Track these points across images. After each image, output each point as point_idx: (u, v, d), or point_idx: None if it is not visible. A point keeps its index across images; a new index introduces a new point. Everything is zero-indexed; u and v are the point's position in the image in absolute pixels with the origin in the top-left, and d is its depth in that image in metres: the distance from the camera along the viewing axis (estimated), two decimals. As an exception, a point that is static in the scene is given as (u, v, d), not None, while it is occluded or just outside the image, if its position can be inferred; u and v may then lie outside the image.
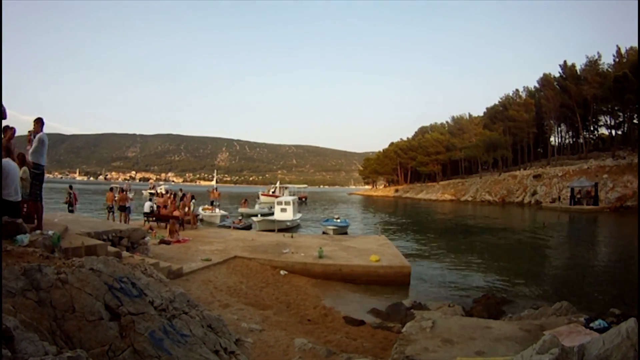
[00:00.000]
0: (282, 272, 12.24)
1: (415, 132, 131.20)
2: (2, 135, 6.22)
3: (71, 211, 17.41)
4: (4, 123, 6.35)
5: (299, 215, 26.21)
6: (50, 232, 6.19)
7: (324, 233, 22.11)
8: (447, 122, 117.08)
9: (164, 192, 37.41)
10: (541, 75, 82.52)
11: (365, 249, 15.06)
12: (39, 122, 7.36)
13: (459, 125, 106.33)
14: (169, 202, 21.79)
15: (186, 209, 20.71)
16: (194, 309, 5.38)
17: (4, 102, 5.79)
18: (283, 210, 25.33)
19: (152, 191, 59.39)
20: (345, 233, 22.85)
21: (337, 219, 25.45)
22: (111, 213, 20.10)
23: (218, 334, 5.10)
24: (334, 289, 11.60)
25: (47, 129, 7.74)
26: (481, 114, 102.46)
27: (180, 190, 23.51)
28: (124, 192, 22.19)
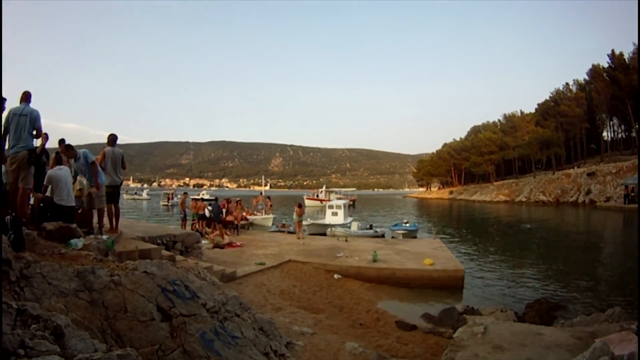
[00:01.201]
0: (336, 276, 12.27)
1: (468, 132, 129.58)
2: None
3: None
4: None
5: (349, 219, 26.27)
6: (104, 237, 6.47)
7: (393, 237, 22.06)
8: (499, 120, 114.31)
9: (202, 198, 38.48)
10: (590, 66, 78.82)
11: (419, 252, 14.91)
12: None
13: (511, 123, 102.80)
14: (234, 207, 22.15)
15: (244, 213, 21.06)
16: (246, 312, 5.45)
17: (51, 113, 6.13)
18: (334, 214, 25.48)
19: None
20: (415, 237, 22.75)
21: (406, 223, 25.37)
22: (185, 221, 20.61)
23: (269, 337, 5.14)
24: (387, 293, 11.59)
25: (100, 139, 8.36)
26: (533, 111, 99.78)
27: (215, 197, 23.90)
28: (202, 201, 22.47)
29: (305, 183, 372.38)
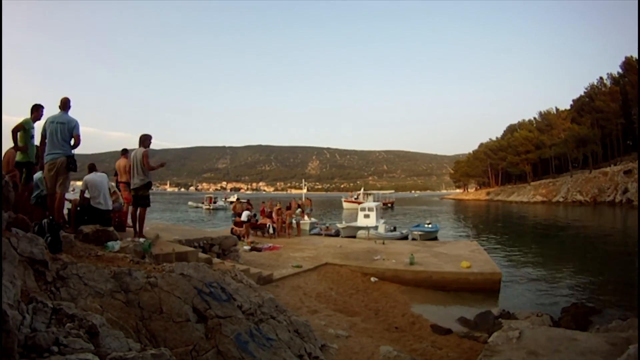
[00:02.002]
0: (372, 279, 12.27)
1: (504, 131, 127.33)
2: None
3: None
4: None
5: (381, 222, 26.24)
6: (141, 240, 6.63)
7: (412, 239, 22.29)
8: (534, 118, 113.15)
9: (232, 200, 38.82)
10: (623, 59, 76.40)
11: (456, 255, 14.79)
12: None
13: (547, 121, 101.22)
14: (275, 210, 22.32)
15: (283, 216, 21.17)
16: (281, 314, 5.47)
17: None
18: (366, 216, 25.50)
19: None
20: (435, 238, 22.92)
21: (428, 224, 25.64)
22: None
23: (304, 339, 5.14)
24: (423, 296, 11.59)
25: (136, 145, 8.44)
26: (568, 107, 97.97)
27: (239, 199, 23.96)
28: (249, 204, 22.77)
29: (342, 186, 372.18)
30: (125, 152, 10.43)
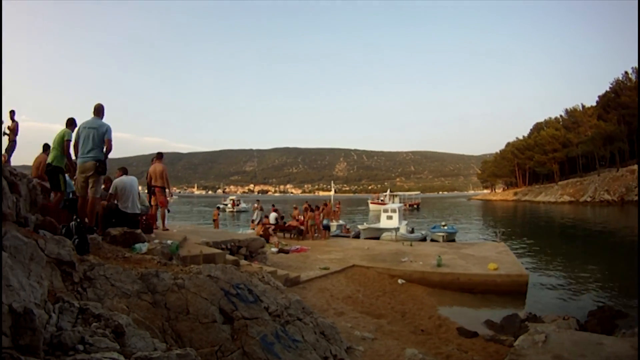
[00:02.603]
0: (400, 281, 12.19)
1: (531, 130, 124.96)
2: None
3: None
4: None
5: (404, 223, 26.09)
6: (169, 242, 6.73)
7: (432, 240, 22.35)
8: (560, 115, 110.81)
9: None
10: None
11: (484, 256, 14.65)
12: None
13: (573, 119, 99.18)
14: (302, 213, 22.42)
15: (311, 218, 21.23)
16: (308, 316, 5.47)
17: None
18: (389, 217, 25.39)
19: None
20: (453, 240, 22.81)
21: (444, 225, 25.76)
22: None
23: (330, 341, 5.13)
24: (450, 299, 11.53)
25: (165, 148, 8.74)
26: (594, 104, 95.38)
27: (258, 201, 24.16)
28: (274, 207, 23.02)
29: (370, 187, 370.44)
30: (160, 157, 10.70)
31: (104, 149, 6.57)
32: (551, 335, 5.93)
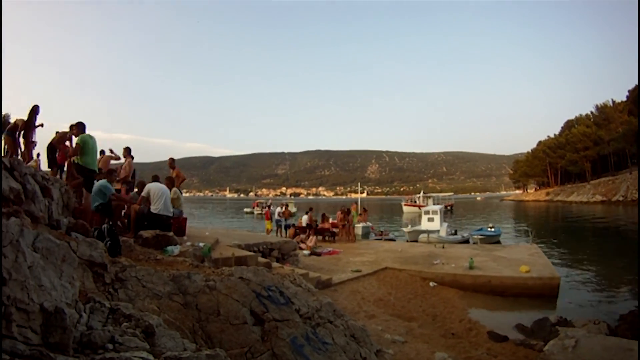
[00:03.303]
0: (431, 284, 12.11)
1: (562, 127, 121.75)
2: None
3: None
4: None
5: (445, 225, 25.72)
6: (201, 244, 6.82)
7: (474, 243, 21.89)
8: (591, 112, 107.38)
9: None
10: None
11: (516, 258, 14.44)
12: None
13: (604, 115, 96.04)
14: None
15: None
16: (339, 319, 5.44)
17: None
18: (430, 219, 25.09)
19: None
20: (498, 242, 22.55)
21: (491, 228, 25.24)
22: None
23: (360, 344, 5.10)
24: (481, 302, 11.42)
25: (197, 151, 8.91)
26: (624, 99, 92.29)
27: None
28: (310, 209, 23.22)
29: (402, 189, 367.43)
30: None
31: None
32: (581, 340, 5.92)
